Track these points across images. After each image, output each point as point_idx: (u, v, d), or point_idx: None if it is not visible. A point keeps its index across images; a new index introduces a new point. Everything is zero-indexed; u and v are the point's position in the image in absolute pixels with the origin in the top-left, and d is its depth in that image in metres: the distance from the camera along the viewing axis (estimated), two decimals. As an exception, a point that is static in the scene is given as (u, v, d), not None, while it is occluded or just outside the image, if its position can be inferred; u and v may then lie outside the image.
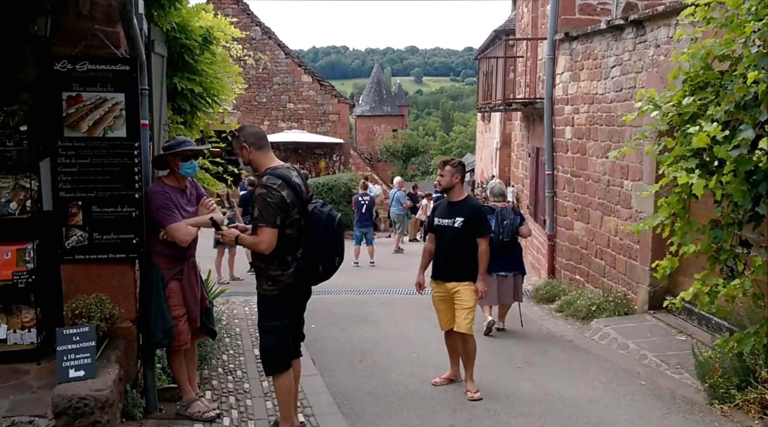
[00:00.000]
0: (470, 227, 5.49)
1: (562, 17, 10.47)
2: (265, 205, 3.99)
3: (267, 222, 3.99)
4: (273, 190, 4.00)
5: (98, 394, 3.69)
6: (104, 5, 4.21)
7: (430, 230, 5.81)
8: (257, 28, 23.98)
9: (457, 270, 5.51)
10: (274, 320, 4.23)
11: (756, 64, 4.25)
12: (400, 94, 57.31)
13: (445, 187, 5.65)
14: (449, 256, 5.54)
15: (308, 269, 4.21)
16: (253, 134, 4.26)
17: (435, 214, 5.75)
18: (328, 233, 4.16)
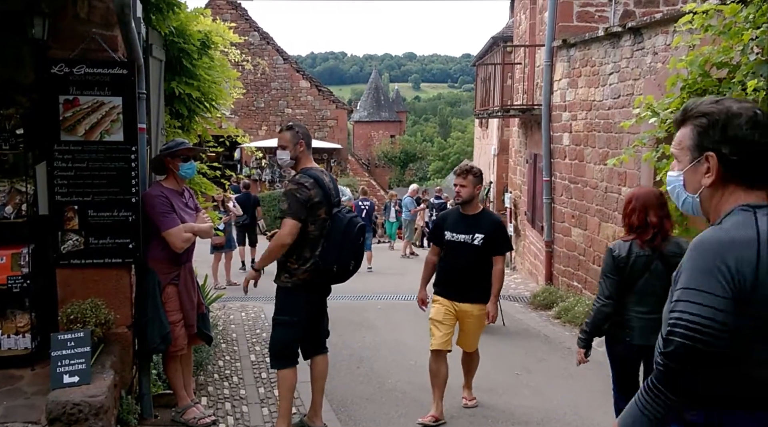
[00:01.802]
0: (491, 245, 5.01)
1: (560, 24, 10.50)
2: (294, 200, 4.26)
3: (292, 215, 4.23)
4: (303, 187, 4.26)
5: (93, 400, 3.65)
6: (102, 8, 4.20)
7: (437, 243, 5.28)
8: (256, 33, 24.02)
9: (471, 291, 5.04)
10: (285, 314, 4.42)
11: (755, 71, 4.25)
12: (398, 100, 57.36)
13: (465, 200, 5.09)
14: (464, 275, 5.04)
15: (324, 268, 4.35)
16: (308, 134, 4.58)
17: (446, 227, 5.16)
18: (346, 237, 4.35)
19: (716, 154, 1.83)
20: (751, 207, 1.79)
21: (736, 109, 1.84)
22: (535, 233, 12.22)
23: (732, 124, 1.81)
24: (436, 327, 5.06)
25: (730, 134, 1.81)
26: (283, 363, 4.44)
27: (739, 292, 1.67)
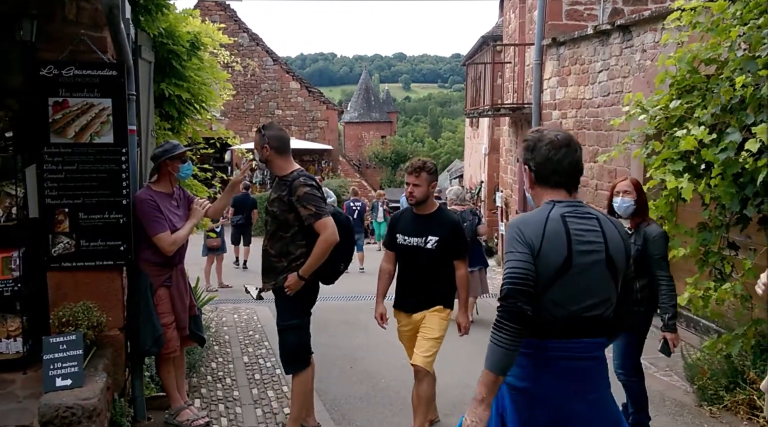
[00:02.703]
0: (448, 248, 4.43)
1: (550, 23, 10.54)
2: (316, 198, 4.21)
3: (326, 212, 4.21)
4: (315, 186, 4.26)
5: (85, 403, 3.64)
6: (91, 10, 4.18)
7: (390, 248, 4.69)
8: (245, 34, 23.98)
9: (427, 300, 4.47)
10: (294, 317, 4.35)
11: (742, 67, 4.29)
12: (389, 100, 57.38)
13: (420, 200, 4.45)
14: (419, 284, 4.47)
15: (320, 271, 4.31)
16: (277, 138, 4.40)
17: (397, 229, 4.59)
18: (341, 238, 4.28)
19: (528, 167, 2.66)
20: (553, 202, 2.56)
21: (544, 136, 2.63)
22: (527, 232, 12.26)
23: (537, 146, 2.61)
24: (406, 348, 4.71)
25: (535, 154, 2.62)
26: (301, 367, 4.38)
27: (532, 253, 2.43)
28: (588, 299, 2.48)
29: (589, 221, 2.53)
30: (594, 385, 2.54)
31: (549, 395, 2.49)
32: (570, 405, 2.48)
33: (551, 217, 2.50)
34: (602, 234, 2.52)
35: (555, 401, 2.49)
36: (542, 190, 2.63)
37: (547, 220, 2.49)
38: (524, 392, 2.53)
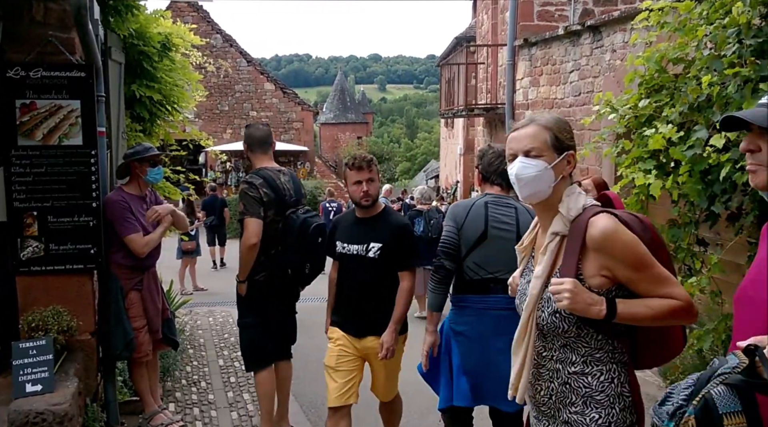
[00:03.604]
0: (392, 257, 3.77)
1: (521, 23, 10.62)
2: (247, 198, 4.22)
3: (251, 213, 4.19)
4: (253, 186, 4.22)
5: (56, 408, 3.59)
6: (59, 11, 4.13)
7: (332, 256, 4.08)
8: (218, 35, 23.81)
9: (375, 321, 3.79)
10: (248, 316, 4.42)
11: (709, 66, 4.35)
12: (364, 101, 57.40)
13: (376, 198, 3.86)
14: (362, 300, 3.84)
15: (279, 272, 4.33)
16: (252, 136, 4.50)
17: (336, 235, 3.98)
18: (300, 238, 4.25)
19: (478, 170, 3.71)
20: (487, 194, 3.59)
21: (490, 148, 3.77)
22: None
23: (484, 156, 3.71)
24: (330, 376, 3.92)
25: (483, 160, 3.69)
26: (258, 365, 4.40)
27: (457, 227, 3.47)
28: (500, 264, 3.38)
29: (507, 209, 3.50)
30: (509, 328, 2.90)
31: (478, 334, 3.44)
32: (493, 342, 3.34)
33: (477, 203, 3.52)
34: (516, 218, 3.47)
35: (482, 338, 3.41)
36: (486, 186, 3.67)
37: (473, 205, 3.52)
38: (462, 334, 3.51)
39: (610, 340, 2.05)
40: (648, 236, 2.10)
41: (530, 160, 2.05)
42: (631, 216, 2.13)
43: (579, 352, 2.05)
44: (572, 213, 2.05)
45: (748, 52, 4.08)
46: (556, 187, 2.08)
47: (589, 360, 2.04)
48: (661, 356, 2.23)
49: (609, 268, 1.98)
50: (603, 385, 2.03)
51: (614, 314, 1.95)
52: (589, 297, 1.96)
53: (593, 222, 1.99)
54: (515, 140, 2.12)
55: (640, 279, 1.98)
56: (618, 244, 1.96)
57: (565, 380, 2.06)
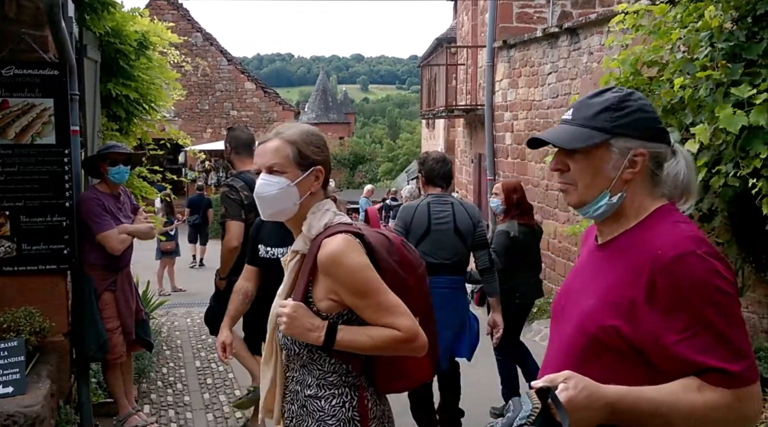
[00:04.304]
0: None
1: (501, 25, 10.68)
2: (228, 201, 4.26)
3: (232, 216, 4.21)
4: (234, 189, 4.25)
5: (28, 410, 3.54)
6: (31, 8, 4.08)
7: (252, 262, 3.76)
8: (198, 34, 23.66)
9: None
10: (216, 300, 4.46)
11: (681, 69, 4.41)
12: (347, 101, 57.33)
13: None
14: None
15: None
16: (238, 138, 4.57)
17: (260, 238, 3.72)
18: None
19: (421, 174, 4.34)
20: (429, 195, 4.27)
21: (429, 155, 4.42)
22: (481, 232, 12.39)
23: (426, 161, 4.35)
24: None
25: (425, 166, 4.33)
26: None
27: (405, 225, 4.16)
28: (444, 251, 4.15)
29: (445, 206, 4.21)
30: (453, 304, 4.19)
31: None
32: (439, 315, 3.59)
33: (421, 204, 4.24)
34: (452, 213, 4.19)
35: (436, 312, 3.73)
36: (428, 187, 4.34)
37: (418, 205, 4.24)
38: None
39: (344, 364, 1.98)
40: (396, 258, 2.06)
41: (272, 178, 1.97)
42: (380, 237, 2.07)
43: (314, 374, 1.99)
44: (313, 231, 1.98)
45: (719, 55, 4.13)
46: (304, 204, 2.00)
47: (322, 383, 1.99)
48: (399, 384, 2.12)
49: (335, 292, 1.92)
50: (335, 409, 1.97)
51: (333, 342, 1.90)
52: (309, 323, 1.90)
53: (325, 243, 1.92)
54: (259, 155, 2.03)
55: (366, 307, 1.91)
56: (342, 269, 1.89)
57: (302, 403, 2.00)
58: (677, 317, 1.38)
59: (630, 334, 1.43)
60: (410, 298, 2.02)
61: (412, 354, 1.99)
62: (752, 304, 5.10)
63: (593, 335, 1.48)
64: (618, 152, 1.51)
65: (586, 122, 1.53)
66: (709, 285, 1.38)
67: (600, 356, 1.48)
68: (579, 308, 1.56)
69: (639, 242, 1.50)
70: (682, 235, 1.45)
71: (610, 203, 1.54)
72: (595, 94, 1.57)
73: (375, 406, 2.05)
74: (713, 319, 1.37)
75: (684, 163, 1.57)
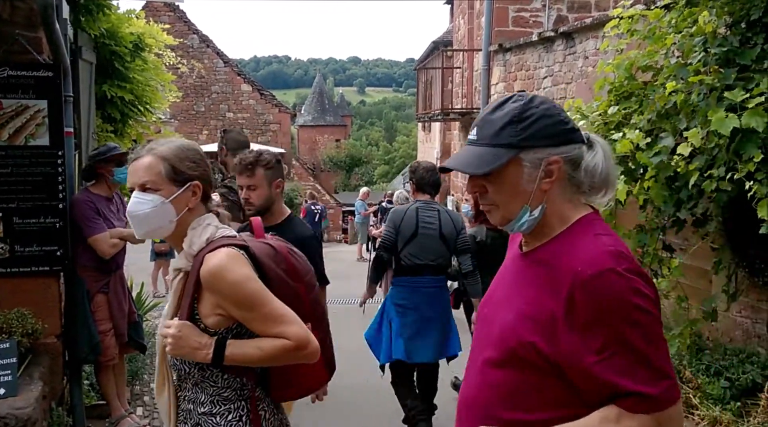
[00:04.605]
0: None
1: (496, 29, 10.70)
2: (227, 202, 4.20)
3: (231, 218, 4.11)
4: (232, 190, 4.32)
5: (19, 412, 3.54)
6: (25, 9, 4.07)
7: None
8: (195, 36, 23.66)
9: None
10: None
11: (675, 74, 4.42)
12: (343, 104, 57.36)
13: (261, 208, 3.32)
14: None
15: None
16: (236, 140, 4.68)
17: None
18: None
19: (412, 182, 4.72)
20: (418, 201, 4.69)
21: (420, 164, 4.82)
22: (477, 235, 12.40)
23: (417, 170, 4.71)
24: None
25: (416, 174, 4.69)
26: None
27: (395, 228, 4.55)
28: (429, 254, 4.59)
29: (432, 212, 4.62)
30: (437, 301, 4.69)
31: (413, 305, 4.59)
32: (423, 310, 4.52)
33: (410, 208, 4.63)
34: (438, 220, 4.61)
35: (416, 308, 4.52)
36: (418, 194, 4.74)
37: (407, 210, 4.63)
38: (401, 305, 4.62)
39: (238, 377, 1.98)
40: (283, 266, 2.06)
41: (145, 195, 1.92)
42: (265, 247, 2.06)
43: (207, 392, 1.97)
44: (194, 248, 1.95)
45: (713, 60, 4.15)
46: (182, 220, 1.97)
47: (216, 400, 1.97)
48: (293, 392, 2.13)
49: (221, 306, 1.90)
50: (230, 424, 1.96)
51: (222, 358, 1.89)
52: (196, 341, 1.88)
53: (207, 258, 1.89)
54: (132, 173, 1.98)
55: (253, 319, 1.91)
56: (225, 283, 1.87)
57: (196, 421, 1.98)
58: (595, 336, 1.34)
59: (549, 351, 1.39)
60: (300, 305, 2.02)
61: (305, 361, 1.98)
62: (745, 309, 5.12)
63: (512, 349, 1.45)
64: (530, 165, 1.45)
65: (491, 141, 1.46)
66: (628, 303, 1.33)
67: (520, 370, 1.45)
68: (500, 319, 1.52)
69: (560, 255, 1.45)
70: (602, 250, 1.39)
71: (531, 218, 1.49)
72: (496, 107, 1.49)
73: (272, 416, 2.05)
74: (632, 338, 1.32)
75: (602, 154, 1.51)
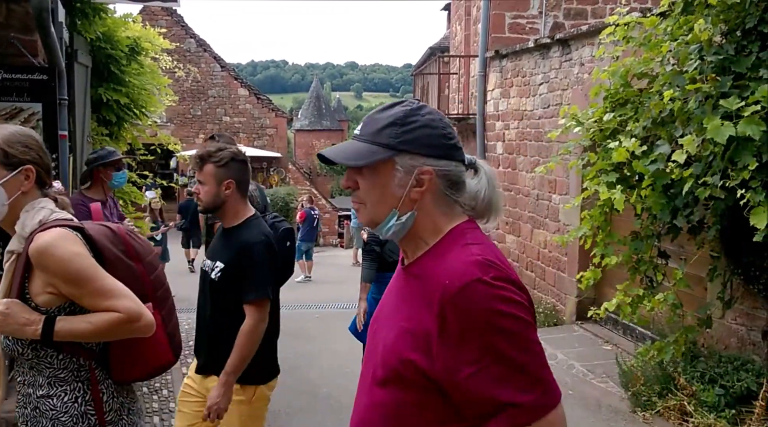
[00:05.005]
0: (232, 283, 2.92)
1: (493, 35, 10.71)
2: None
3: None
4: None
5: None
6: (21, 12, 4.07)
7: None
8: (192, 40, 23.65)
9: (219, 358, 2.91)
10: None
11: (671, 82, 4.43)
12: (340, 109, 57.37)
13: (207, 206, 2.99)
14: (205, 330, 3.06)
15: None
16: (229, 141, 4.47)
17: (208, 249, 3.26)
18: None
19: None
20: None
21: None
22: (472, 241, 12.39)
23: None
24: (177, 417, 3.17)
25: None
26: None
27: None
28: None
29: None
30: None
31: None
32: None
33: None
34: None
35: None
36: None
37: None
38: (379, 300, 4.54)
39: (74, 358, 1.99)
40: (120, 247, 2.10)
41: None
42: (103, 229, 2.12)
43: (44, 373, 2.00)
44: (27, 230, 1.98)
45: (709, 68, 4.16)
46: (15, 204, 1.99)
47: (53, 381, 2.00)
48: (136, 370, 2.13)
49: (52, 284, 1.93)
50: (67, 406, 1.99)
51: (51, 334, 1.90)
52: (24, 317, 1.90)
53: (36, 238, 1.93)
54: None
55: (83, 295, 1.93)
56: (52, 260, 1.90)
57: (35, 405, 2.00)
58: (469, 349, 1.31)
59: (427, 368, 1.36)
60: (140, 285, 2.08)
61: (139, 335, 2.00)
62: (740, 316, 5.12)
63: (394, 367, 1.42)
64: (403, 170, 1.43)
65: (371, 138, 1.45)
66: (497, 312, 1.30)
67: (403, 388, 1.42)
68: (383, 336, 1.50)
69: (431, 268, 1.42)
70: (469, 260, 1.36)
71: (399, 223, 1.45)
72: (385, 108, 1.49)
73: (111, 398, 2.06)
74: (502, 347, 1.30)
75: (486, 180, 1.50)
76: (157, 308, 2.11)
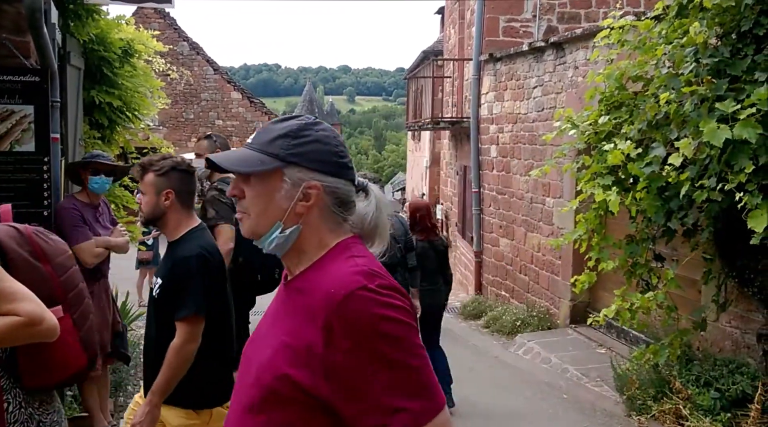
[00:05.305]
0: (168, 299, 2.74)
1: (487, 39, 10.72)
2: (219, 204, 4.21)
3: (225, 219, 4.18)
4: (223, 192, 4.24)
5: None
6: (13, 13, 4.02)
7: None
8: (185, 43, 23.58)
9: None
10: None
11: (666, 84, 4.43)
12: (333, 112, 57.34)
13: (149, 217, 2.87)
14: (152, 347, 2.83)
15: (248, 278, 4.31)
16: (227, 145, 4.67)
17: None
18: None
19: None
20: None
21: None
22: (466, 244, 12.38)
23: None
24: None
25: None
26: None
27: None
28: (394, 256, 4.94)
29: None
30: None
31: None
32: None
33: None
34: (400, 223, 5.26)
35: None
36: None
37: None
38: None
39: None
40: (27, 248, 2.10)
41: None
42: (9, 229, 2.11)
43: None
44: None
45: (704, 71, 4.16)
46: None
47: None
48: (48, 376, 2.07)
49: None
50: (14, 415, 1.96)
51: None
52: None
53: None
54: None
55: None
56: None
57: None
58: (356, 357, 1.29)
59: (310, 383, 1.32)
60: (48, 286, 2.06)
61: (41, 339, 1.93)
62: (735, 319, 5.12)
63: (269, 386, 1.36)
64: (290, 183, 1.42)
65: (262, 147, 1.44)
66: (384, 318, 1.29)
67: (281, 409, 1.36)
68: (257, 357, 1.45)
69: (315, 281, 1.39)
70: (354, 270, 1.35)
71: (282, 236, 1.43)
72: (281, 120, 1.49)
73: (18, 409, 2.00)
74: (390, 353, 1.28)
75: (375, 204, 1.50)
76: (67, 310, 2.07)
